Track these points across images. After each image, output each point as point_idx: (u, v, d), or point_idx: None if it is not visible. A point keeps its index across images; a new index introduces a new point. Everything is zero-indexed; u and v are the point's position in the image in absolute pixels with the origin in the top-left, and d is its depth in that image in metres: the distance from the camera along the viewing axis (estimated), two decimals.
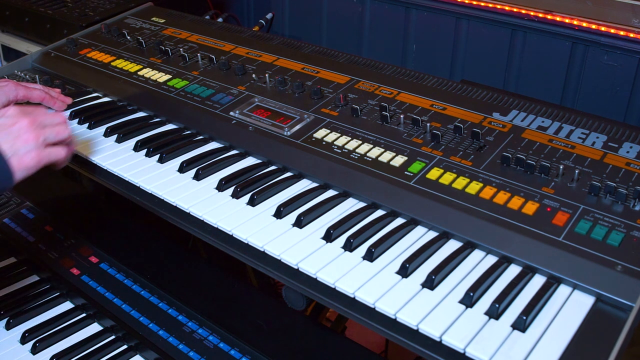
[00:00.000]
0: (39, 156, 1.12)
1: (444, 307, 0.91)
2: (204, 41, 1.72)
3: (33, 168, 1.11)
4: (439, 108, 1.33)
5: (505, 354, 0.84)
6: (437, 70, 1.84)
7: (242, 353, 1.25)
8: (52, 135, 1.15)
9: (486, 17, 1.68)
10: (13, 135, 1.09)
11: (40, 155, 1.12)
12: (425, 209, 1.08)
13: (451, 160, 1.17)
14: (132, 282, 1.45)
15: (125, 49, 1.72)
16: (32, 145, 1.11)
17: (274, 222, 1.11)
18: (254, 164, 1.28)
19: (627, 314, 0.88)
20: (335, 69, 1.52)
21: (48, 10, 2.04)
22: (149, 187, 1.22)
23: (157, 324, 1.33)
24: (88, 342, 1.35)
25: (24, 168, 1.09)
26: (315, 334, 1.33)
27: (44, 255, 1.56)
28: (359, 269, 0.99)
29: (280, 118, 1.35)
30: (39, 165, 1.12)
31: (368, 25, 1.96)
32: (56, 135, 1.16)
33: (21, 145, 1.09)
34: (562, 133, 1.22)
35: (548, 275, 0.95)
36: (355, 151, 1.22)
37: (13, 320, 1.40)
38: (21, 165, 1.09)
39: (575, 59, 1.58)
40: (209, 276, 1.48)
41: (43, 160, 1.13)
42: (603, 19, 1.50)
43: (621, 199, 1.03)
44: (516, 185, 1.10)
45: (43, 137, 1.13)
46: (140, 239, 1.62)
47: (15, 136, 1.09)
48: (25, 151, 1.10)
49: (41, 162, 1.12)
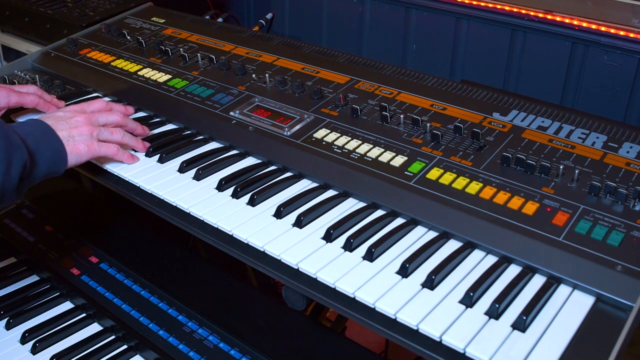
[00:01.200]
0: (91, 146, 1.23)
1: (444, 307, 0.91)
2: (204, 41, 1.72)
3: (84, 155, 1.22)
4: (439, 108, 1.33)
5: (505, 354, 0.84)
6: (437, 70, 1.84)
7: (242, 353, 1.25)
8: (106, 133, 1.27)
9: (486, 17, 1.68)
10: (70, 125, 1.22)
11: (92, 145, 1.23)
12: (425, 209, 1.08)
13: (451, 160, 1.17)
14: (132, 282, 1.45)
15: (125, 49, 1.72)
16: (87, 136, 1.23)
17: (274, 222, 1.11)
18: (254, 164, 1.28)
19: (627, 314, 0.88)
20: (335, 69, 1.52)
21: (48, 10, 2.03)
22: (149, 187, 1.23)
23: (157, 324, 1.33)
24: (88, 342, 1.35)
25: (76, 153, 1.21)
26: (315, 334, 1.33)
27: (44, 255, 1.56)
28: (359, 269, 0.99)
29: (280, 118, 1.35)
30: (90, 154, 1.23)
31: (368, 25, 1.96)
32: (110, 135, 1.27)
33: (76, 133, 1.22)
34: (562, 133, 1.22)
35: (548, 275, 0.95)
36: (355, 151, 1.22)
37: (13, 320, 1.41)
38: (75, 150, 1.20)
39: (575, 59, 1.58)
40: (209, 276, 1.48)
41: (94, 151, 1.23)
42: (603, 19, 1.50)
43: (621, 199, 1.03)
44: (516, 185, 1.10)
45: (97, 132, 1.25)
46: (141, 239, 1.62)
47: (72, 126, 1.22)
48: (80, 139, 1.22)
49: (92, 152, 1.23)
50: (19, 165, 1.08)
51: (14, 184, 1.09)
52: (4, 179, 1.06)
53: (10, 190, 1.09)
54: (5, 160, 1.06)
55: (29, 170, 1.12)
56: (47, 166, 1.17)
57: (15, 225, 1.67)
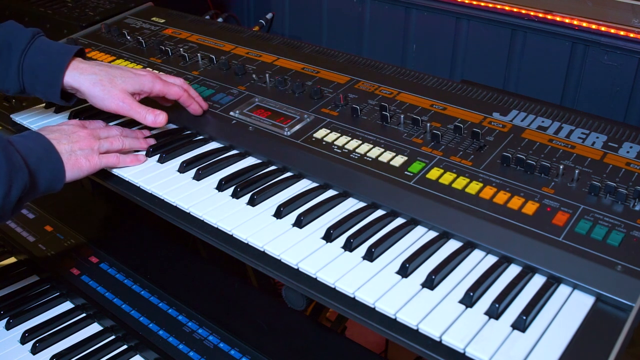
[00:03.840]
0: (92, 160, 1.23)
1: (443, 307, 0.91)
2: (204, 41, 1.72)
3: (86, 170, 1.23)
4: (439, 108, 1.33)
5: (505, 353, 0.84)
6: (437, 70, 1.84)
7: (242, 353, 1.25)
8: (106, 145, 1.27)
9: (486, 17, 1.68)
10: (72, 139, 1.23)
11: (93, 159, 1.23)
12: (425, 209, 1.08)
13: (451, 160, 1.17)
14: (132, 282, 1.45)
15: (125, 49, 1.72)
16: (88, 150, 1.23)
17: (274, 222, 1.11)
18: (254, 164, 1.28)
19: (627, 314, 0.88)
20: (335, 69, 1.52)
21: (48, 10, 2.03)
22: (149, 187, 1.23)
23: (157, 324, 1.33)
24: (88, 342, 1.35)
25: (78, 168, 1.21)
26: (315, 334, 1.33)
27: (44, 255, 1.56)
28: (359, 268, 0.99)
29: (280, 118, 1.35)
30: (91, 168, 1.23)
31: (368, 25, 1.96)
32: (110, 145, 1.27)
33: (78, 147, 1.22)
34: (562, 133, 1.22)
35: (548, 275, 0.95)
36: (355, 151, 1.22)
37: (13, 320, 1.41)
38: (76, 165, 1.21)
39: (575, 59, 1.58)
40: (209, 276, 1.48)
41: (95, 164, 1.24)
42: (603, 19, 1.50)
43: (621, 199, 1.03)
44: (516, 185, 1.10)
45: (98, 146, 1.25)
46: (141, 238, 1.62)
47: (74, 140, 1.23)
48: (82, 154, 1.22)
49: (93, 166, 1.24)
50: (20, 188, 1.08)
51: (13, 205, 1.08)
52: (4, 202, 1.06)
53: (8, 210, 1.08)
54: (7, 185, 1.05)
55: (28, 190, 1.11)
56: (46, 186, 1.16)
57: (15, 225, 1.67)
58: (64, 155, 1.19)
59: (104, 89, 1.29)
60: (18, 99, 1.65)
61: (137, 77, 1.33)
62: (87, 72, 1.31)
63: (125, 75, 1.32)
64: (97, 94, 1.29)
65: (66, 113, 1.51)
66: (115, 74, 1.31)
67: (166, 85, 1.35)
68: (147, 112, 1.31)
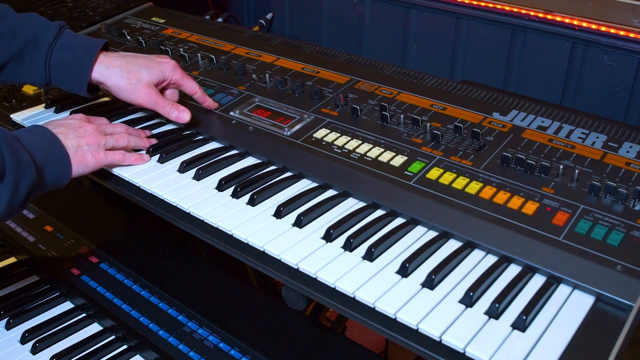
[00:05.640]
0: (99, 156, 1.23)
1: (443, 306, 0.91)
2: (204, 41, 1.72)
3: (91, 166, 1.22)
4: (439, 108, 1.33)
5: (505, 353, 0.84)
6: (437, 70, 1.84)
7: (242, 353, 1.25)
8: (112, 141, 1.26)
9: (486, 17, 1.68)
10: (79, 134, 1.22)
11: (99, 155, 1.23)
12: (425, 209, 1.08)
13: (451, 160, 1.17)
14: (132, 282, 1.45)
15: (125, 49, 1.72)
16: (94, 146, 1.23)
17: (273, 222, 1.11)
18: (254, 164, 1.28)
19: (627, 314, 0.88)
20: (335, 69, 1.52)
21: (48, 10, 2.04)
22: (149, 187, 1.22)
23: (157, 324, 1.33)
24: (88, 342, 1.35)
25: (84, 164, 1.21)
26: (315, 334, 1.33)
27: (44, 255, 1.56)
28: (359, 268, 0.99)
29: (280, 118, 1.35)
30: (97, 164, 1.23)
31: (368, 25, 1.96)
32: (116, 142, 1.27)
33: (84, 143, 1.21)
34: (562, 133, 1.22)
35: (548, 275, 0.95)
36: (355, 151, 1.22)
37: (13, 320, 1.40)
38: (82, 160, 1.20)
39: (575, 59, 1.58)
40: (208, 276, 1.48)
41: (101, 160, 1.23)
42: (603, 19, 1.50)
43: (621, 198, 1.03)
44: (516, 185, 1.10)
45: (104, 142, 1.25)
46: (140, 239, 1.62)
47: (80, 135, 1.22)
48: (88, 149, 1.21)
49: (99, 162, 1.23)
50: (28, 184, 1.08)
51: (21, 201, 1.09)
52: (13, 198, 1.06)
53: (17, 206, 1.09)
54: (14, 182, 1.05)
55: (35, 186, 1.11)
56: (52, 181, 1.16)
57: (15, 225, 1.67)
58: (71, 150, 1.19)
59: (129, 83, 1.32)
60: (18, 99, 1.66)
61: (160, 64, 1.36)
62: (113, 65, 1.33)
63: (150, 65, 1.35)
64: (124, 87, 1.33)
65: (66, 113, 1.50)
66: (140, 65, 1.34)
67: (184, 78, 1.38)
68: (171, 107, 1.35)
